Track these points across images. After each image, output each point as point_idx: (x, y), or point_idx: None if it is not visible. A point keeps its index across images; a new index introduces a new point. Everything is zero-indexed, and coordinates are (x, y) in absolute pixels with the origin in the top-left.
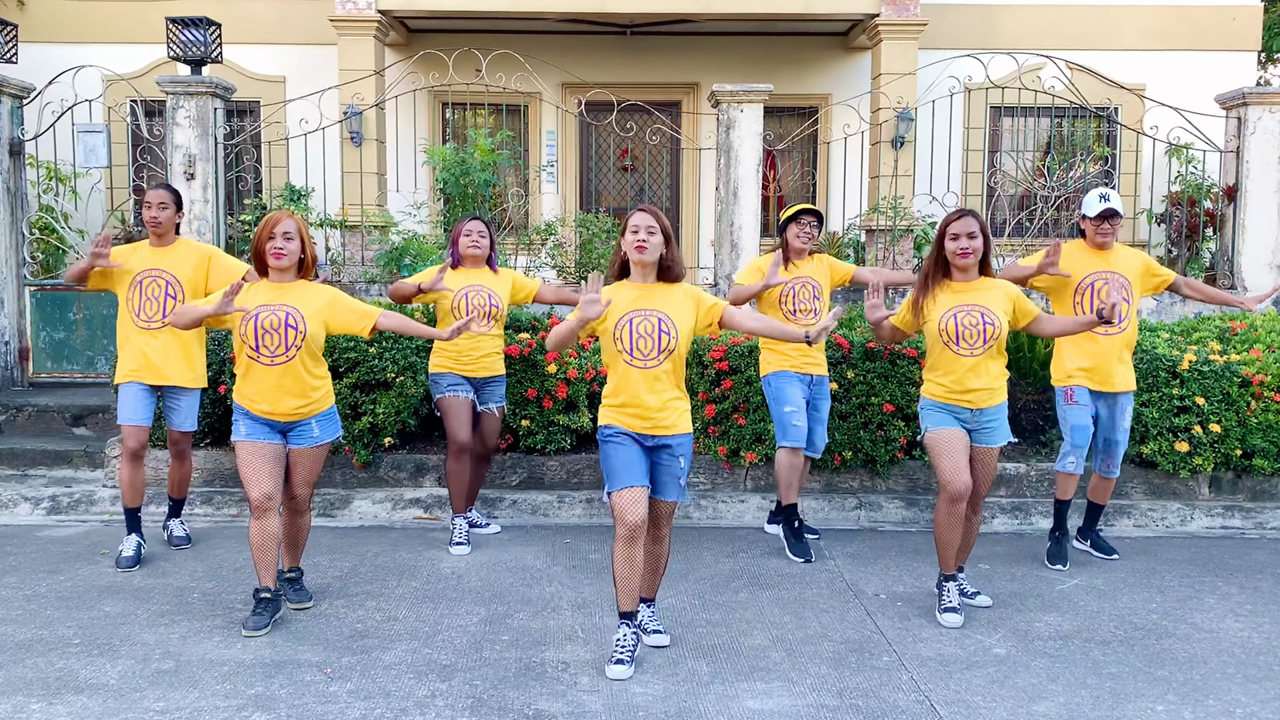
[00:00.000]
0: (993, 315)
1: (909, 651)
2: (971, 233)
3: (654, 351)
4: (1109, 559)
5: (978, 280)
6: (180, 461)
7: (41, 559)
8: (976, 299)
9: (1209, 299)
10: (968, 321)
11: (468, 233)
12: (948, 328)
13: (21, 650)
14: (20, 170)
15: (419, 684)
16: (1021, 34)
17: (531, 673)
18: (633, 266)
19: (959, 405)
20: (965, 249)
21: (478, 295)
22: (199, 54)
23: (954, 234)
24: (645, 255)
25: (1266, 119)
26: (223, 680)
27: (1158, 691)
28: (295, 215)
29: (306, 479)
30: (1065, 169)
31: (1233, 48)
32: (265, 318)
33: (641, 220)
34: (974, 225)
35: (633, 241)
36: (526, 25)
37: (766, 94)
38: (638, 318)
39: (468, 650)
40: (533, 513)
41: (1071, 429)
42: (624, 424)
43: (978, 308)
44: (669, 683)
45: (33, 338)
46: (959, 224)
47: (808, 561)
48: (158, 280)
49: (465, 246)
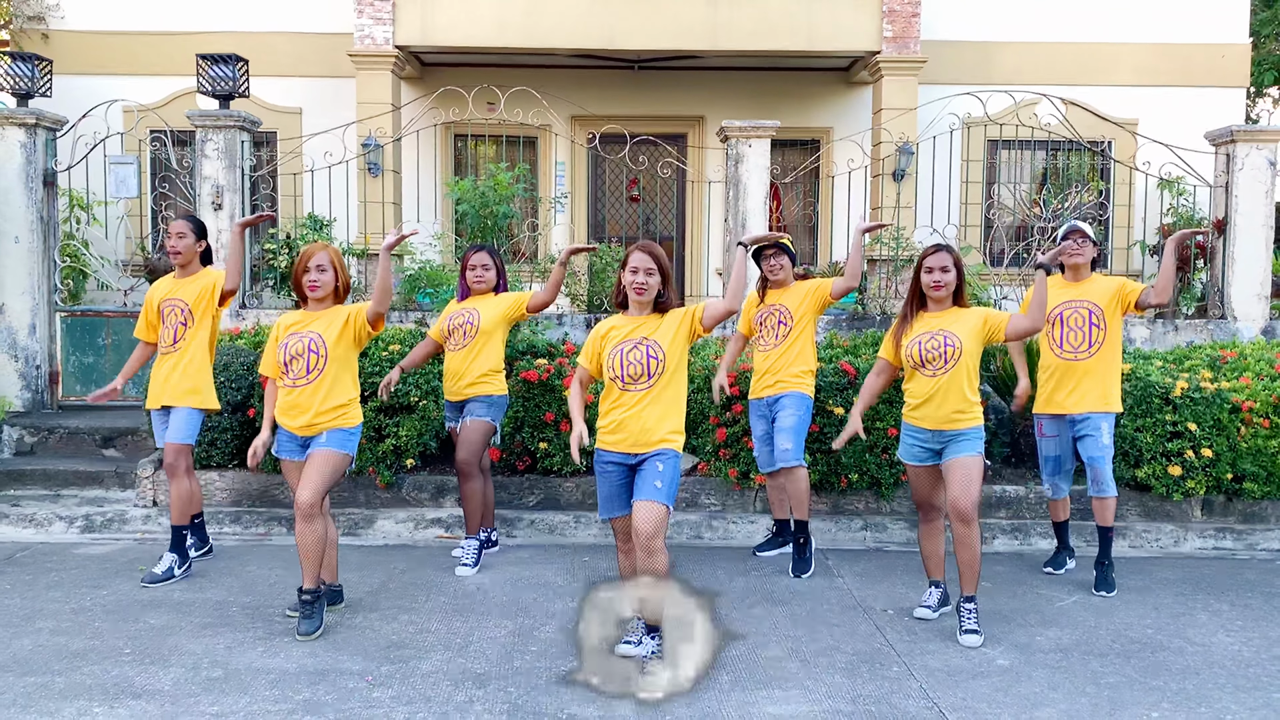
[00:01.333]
0: (954, 337)
1: (917, 663)
2: (945, 266)
3: (644, 376)
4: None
5: (950, 310)
6: (173, 480)
7: (82, 575)
8: (942, 325)
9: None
10: (930, 345)
11: (472, 266)
12: (913, 353)
13: (77, 659)
14: (53, 201)
15: (456, 690)
16: (1018, 70)
17: (562, 681)
18: (630, 302)
19: (921, 427)
20: (938, 281)
21: (459, 317)
22: (227, 89)
23: (929, 267)
24: (644, 297)
25: (1254, 155)
26: (270, 687)
27: (1153, 700)
28: (330, 247)
29: (309, 482)
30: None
31: (1222, 84)
32: (293, 344)
33: (640, 261)
34: (947, 259)
35: (632, 281)
36: (537, 60)
37: (774, 129)
38: (628, 346)
39: (499, 660)
40: (550, 532)
41: (1042, 459)
42: (612, 447)
43: (941, 331)
44: (692, 690)
45: (62, 362)
46: (933, 258)
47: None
48: (175, 308)
49: (471, 280)
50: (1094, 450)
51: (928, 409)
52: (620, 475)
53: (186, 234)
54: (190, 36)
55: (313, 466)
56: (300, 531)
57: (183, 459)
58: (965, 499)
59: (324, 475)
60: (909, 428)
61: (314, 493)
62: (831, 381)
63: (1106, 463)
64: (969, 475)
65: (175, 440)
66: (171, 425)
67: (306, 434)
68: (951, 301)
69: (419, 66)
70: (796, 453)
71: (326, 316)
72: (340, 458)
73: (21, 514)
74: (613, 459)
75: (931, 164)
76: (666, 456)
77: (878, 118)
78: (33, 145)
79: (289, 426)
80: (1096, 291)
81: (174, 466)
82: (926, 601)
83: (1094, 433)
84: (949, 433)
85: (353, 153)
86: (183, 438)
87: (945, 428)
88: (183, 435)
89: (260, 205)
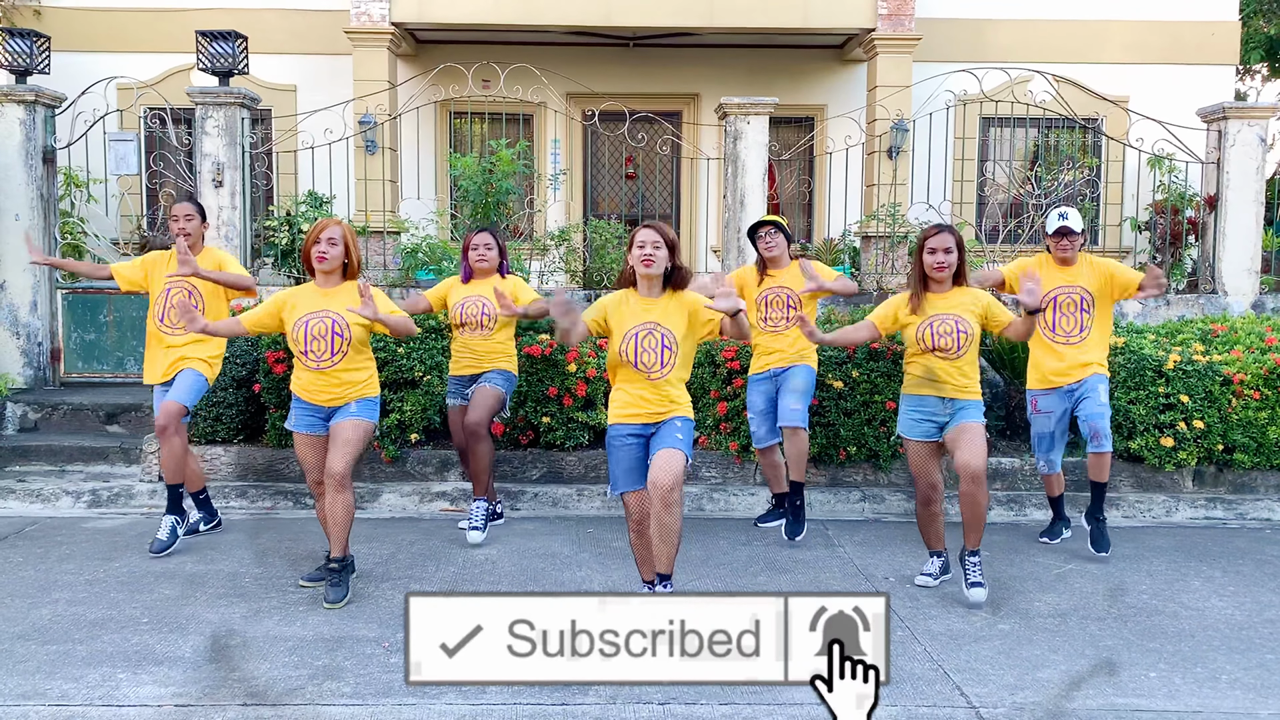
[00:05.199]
0: (965, 322)
1: (920, 627)
2: (948, 247)
3: (658, 364)
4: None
5: (952, 291)
6: (163, 440)
7: (93, 548)
8: (950, 308)
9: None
10: (942, 330)
11: (474, 246)
12: (924, 337)
13: (96, 628)
14: (53, 178)
15: None
16: (1011, 48)
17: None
18: (639, 279)
19: (931, 395)
20: (941, 263)
21: (472, 305)
22: (227, 65)
23: (931, 248)
24: (652, 270)
25: (1245, 132)
26: (290, 653)
27: (1150, 661)
28: (342, 222)
29: (342, 452)
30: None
31: (1212, 61)
32: (314, 324)
33: (647, 236)
34: (950, 240)
35: (639, 256)
36: (532, 37)
37: (772, 106)
38: (643, 332)
39: None
40: (553, 505)
41: (1034, 436)
42: (628, 420)
43: (951, 316)
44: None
45: (64, 339)
46: (936, 239)
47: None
48: (181, 289)
49: (474, 260)
50: (1093, 409)
51: (939, 384)
52: (638, 447)
53: (195, 215)
54: (185, 13)
55: (344, 436)
56: (331, 501)
57: (174, 420)
58: (977, 459)
59: (355, 444)
60: (915, 400)
61: (348, 463)
62: (832, 356)
63: (1106, 419)
64: (978, 439)
65: (176, 399)
66: (175, 385)
67: (332, 405)
68: (952, 282)
69: (414, 44)
70: (803, 415)
71: (344, 298)
72: (369, 426)
73: (28, 489)
74: (630, 430)
75: (928, 141)
76: (683, 418)
77: (873, 95)
78: (32, 122)
79: (313, 400)
80: (1088, 277)
81: (165, 428)
82: (927, 570)
83: (1092, 393)
84: (959, 401)
85: (350, 130)
86: (182, 398)
87: (957, 396)
88: (183, 396)
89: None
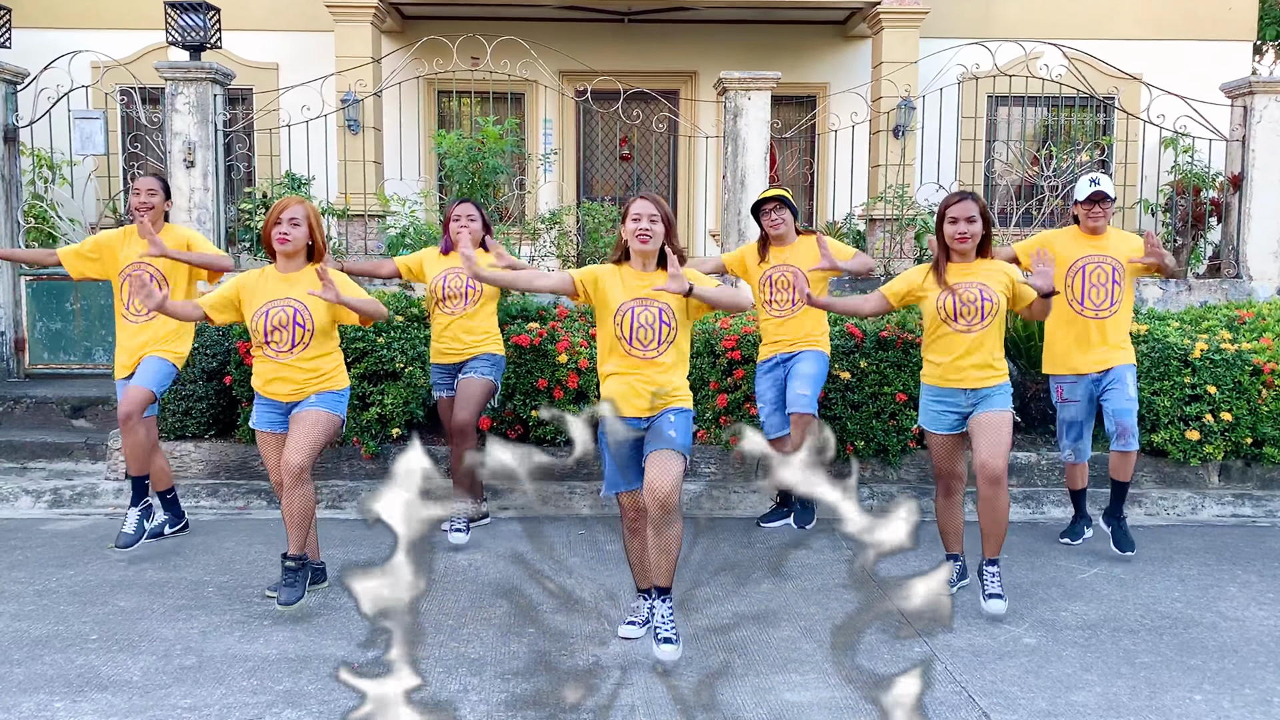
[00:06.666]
0: (990, 291)
1: (940, 642)
2: (970, 216)
3: (654, 342)
4: (1123, 555)
5: (976, 262)
6: (125, 430)
7: (48, 553)
8: (972, 277)
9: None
10: (966, 297)
11: (456, 217)
12: (945, 304)
13: (39, 646)
14: (14, 158)
15: (450, 678)
16: (1020, 23)
17: (562, 666)
18: (633, 254)
19: (953, 388)
20: (964, 233)
21: (455, 278)
22: (198, 39)
23: (953, 218)
24: (648, 245)
25: (1273, 108)
26: (249, 676)
27: (1193, 681)
28: (305, 201)
29: (298, 444)
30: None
31: (1228, 37)
32: (275, 314)
33: (644, 209)
34: (973, 209)
35: (634, 230)
36: (523, 12)
37: (774, 81)
38: (639, 307)
39: (495, 643)
40: (543, 504)
41: (1061, 424)
42: (621, 412)
43: (975, 283)
44: (702, 675)
45: (29, 328)
46: (958, 207)
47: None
48: (144, 273)
49: (455, 231)
50: (1122, 403)
51: (962, 368)
52: (633, 443)
53: (158, 190)
54: None
55: (302, 427)
56: (289, 497)
57: (139, 408)
58: (997, 459)
59: (314, 436)
60: (937, 391)
61: (305, 455)
62: (838, 345)
63: (1134, 415)
64: (1000, 434)
65: (141, 384)
66: (139, 371)
67: (293, 400)
68: (976, 254)
69: (400, 19)
70: (811, 401)
71: (306, 283)
72: (330, 419)
73: None
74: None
75: (938, 120)
76: (679, 410)
77: (878, 71)
78: None
79: (272, 395)
80: (1118, 247)
81: (129, 415)
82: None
83: (1119, 385)
84: (983, 390)
85: (331, 108)
86: (148, 383)
87: (980, 385)
88: (148, 381)
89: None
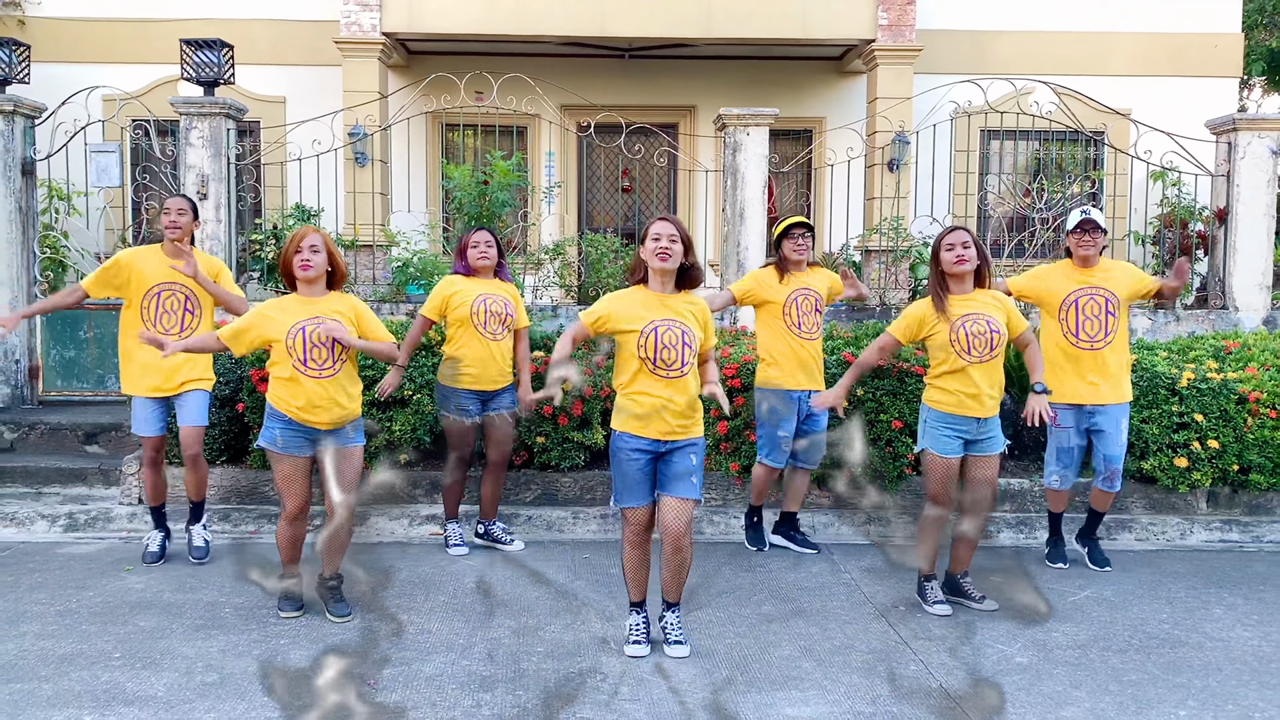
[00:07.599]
0: (997, 323)
1: (935, 660)
2: (965, 242)
3: (678, 363)
4: (1101, 571)
5: (975, 291)
6: (194, 466)
7: (67, 575)
8: (977, 308)
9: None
10: (975, 330)
11: (475, 244)
12: (959, 338)
13: (65, 664)
14: (32, 190)
15: (463, 694)
16: (1012, 60)
17: (571, 683)
18: (652, 274)
19: (966, 415)
20: (961, 257)
21: (495, 303)
22: (212, 75)
23: (949, 244)
24: (668, 263)
25: (1256, 144)
26: (269, 692)
27: (1178, 698)
28: (321, 230)
29: (351, 480)
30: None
31: (1215, 74)
32: (314, 331)
33: (664, 229)
34: (967, 236)
35: (655, 249)
36: (526, 48)
37: (772, 118)
38: (662, 327)
39: (505, 662)
40: (548, 528)
41: (1054, 450)
42: (639, 432)
43: (982, 316)
44: (706, 692)
45: (43, 356)
46: (952, 236)
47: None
48: (176, 294)
49: (474, 258)
50: (1114, 449)
51: (979, 397)
52: (646, 463)
53: (187, 210)
54: (171, 24)
55: (349, 465)
56: (340, 528)
57: (201, 444)
58: (989, 495)
59: (357, 473)
60: (950, 419)
61: (353, 490)
62: (834, 374)
63: (1122, 460)
64: (994, 473)
65: (198, 423)
66: (191, 410)
67: (332, 427)
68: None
69: (406, 55)
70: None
71: (330, 307)
72: (362, 451)
73: (2, 512)
74: (639, 445)
75: (931, 154)
76: (698, 447)
77: (873, 107)
78: (10, 133)
79: (310, 422)
80: (1113, 280)
81: (197, 454)
82: (937, 598)
83: (1114, 429)
84: (990, 420)
85: (339, 142)
86: (202, 420)
87: (989, 415)
88: (201, 418)
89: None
